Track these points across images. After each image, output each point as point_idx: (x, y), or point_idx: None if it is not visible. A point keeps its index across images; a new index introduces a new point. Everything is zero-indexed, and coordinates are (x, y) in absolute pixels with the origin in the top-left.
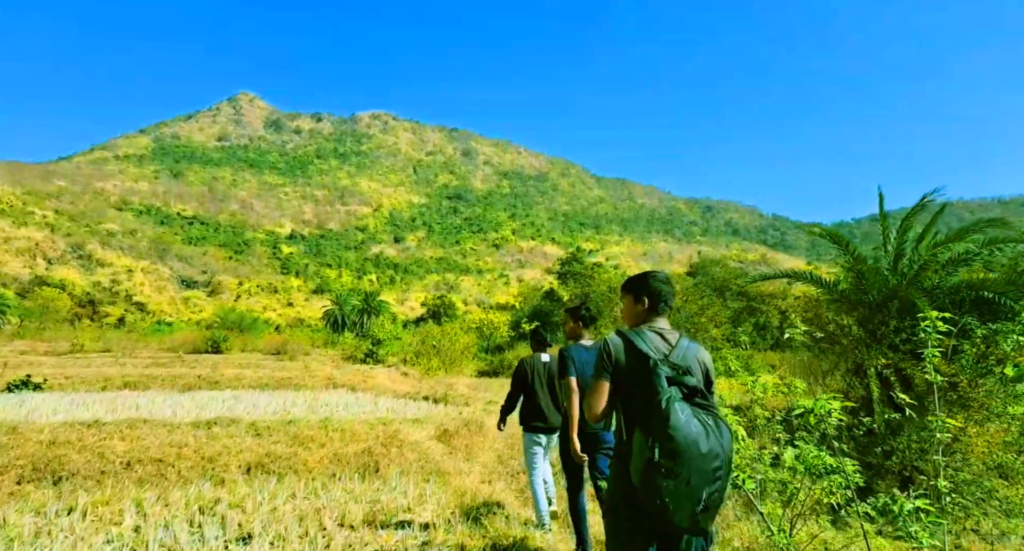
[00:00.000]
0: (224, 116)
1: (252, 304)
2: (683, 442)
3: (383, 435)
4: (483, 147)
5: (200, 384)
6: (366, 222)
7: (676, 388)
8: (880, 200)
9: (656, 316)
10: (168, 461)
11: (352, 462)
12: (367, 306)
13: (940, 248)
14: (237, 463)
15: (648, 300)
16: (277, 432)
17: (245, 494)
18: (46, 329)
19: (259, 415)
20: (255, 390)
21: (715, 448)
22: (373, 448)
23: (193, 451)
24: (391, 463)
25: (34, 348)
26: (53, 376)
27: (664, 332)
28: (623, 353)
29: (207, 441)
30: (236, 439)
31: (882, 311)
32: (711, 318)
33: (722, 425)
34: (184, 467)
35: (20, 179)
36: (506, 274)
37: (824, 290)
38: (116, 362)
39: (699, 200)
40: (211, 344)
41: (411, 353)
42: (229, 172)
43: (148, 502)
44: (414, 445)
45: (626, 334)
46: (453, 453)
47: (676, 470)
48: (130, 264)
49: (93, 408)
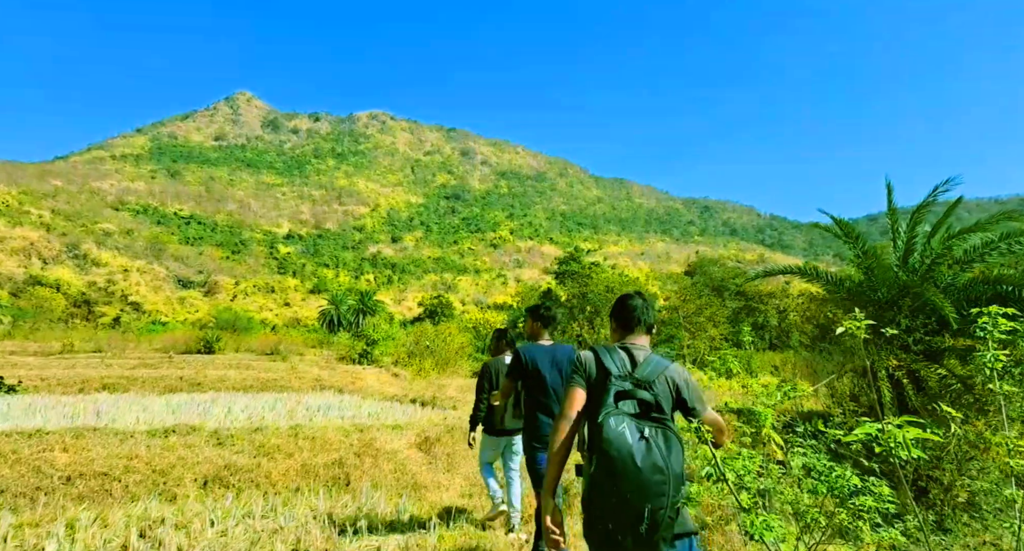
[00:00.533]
0: (221, 116)
1: (248, 304)
2: (616, 455)
3: (358, 443)
4: (481, 147)
5: (182, 386)
6: (364, 222)
7: (632, 403)
8: (888, 192)
9: (628, 333)
10: (114, 475)
11: (321, 474)
12: (363, 306)
13: (955, 240)
14: (192, 476)
15: (622, 320)
16: (241, 441)
17: (196, 513)
18: (39, 329)
19: (234, 419)
20: (237, 392)
21: (657, 462)
22: (345, 458)
23: (144, 463)
24: (364, 475)
25: (24, 348)
26: (29, 378)
27: (634, 348)
28: (594, 367)
29: (161, 452)
30: (195, 449)
31: (892, 309)
32: (710, 318)
33: (672, 441)
34: (132, 481)
35: (16, 179)
36: (504, 274)
37: (830, 287)
38: (102, 363)
39: (697, 200)
40: (204, 344)
41: (404, 353)
42: (226, 172)
43: (82, 523)
44: (391, 455)
45: (596, 350)
46: (433, 463)
47: (613, 486)
48: (126, 264)
49: (48, 413)
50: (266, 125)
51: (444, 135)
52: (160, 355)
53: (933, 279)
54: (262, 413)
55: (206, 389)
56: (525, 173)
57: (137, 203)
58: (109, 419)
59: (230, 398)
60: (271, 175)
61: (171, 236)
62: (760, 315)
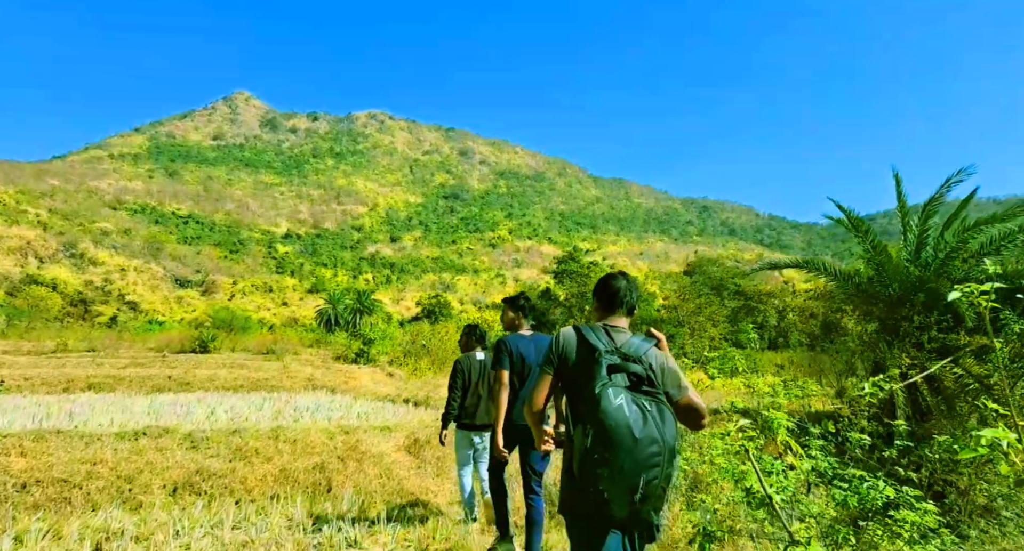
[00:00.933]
0: (220, 115)
1: (246, 303)
2: (613, 427)
3: (342, 446)
4: (480, 146)
5: (169, 386)
6: (362, 221)
7: (622, 376)
8: (897, 183)
9: (611, 314)
10: (74, 481)
11: (301, 480)
12: (360, 305)
13: (971, 233)
14: (161, 482)
15: (600, 301)
16: (217, 444)
17: (160, 523)
18: (34, 329)
19: (216, 421)
20: (227, 392)
21: (652, 434)
22: (328, 463)
23: (109, 469)
24: (347, 481)
25: (18, 348)
26: (13, 377)
27: (616, 329)
28: (574, 345)
29: (129, 456)
30: (166, 453)
31: (904, 305)
32: (709, 317)
33: (666, 413)
34: (94, 488)
35: (13, 178)
36: (502, 274)
37: (838, 282)
38: (93, 362)
39: (696, 200)
40: (199, 344)
41: (400, 353)
42: (225, 171)
43: (32, 535)
44: (377, 458)
45: (579, 328)
46: (422, 467)
47: (608, 456)
48: (123, 263)
49: (15, 415)
50: (264, 125)
51: (443, 135)
52: (154, 354)
53: (947, 274)
54: (246, 414)
55: (195, 389)
56: (524, 173)
57: (135, 202)
58: (81, 420)
59: (217, 398)
60: (269, 175)
61: (169, 235)
62: (759, 315)
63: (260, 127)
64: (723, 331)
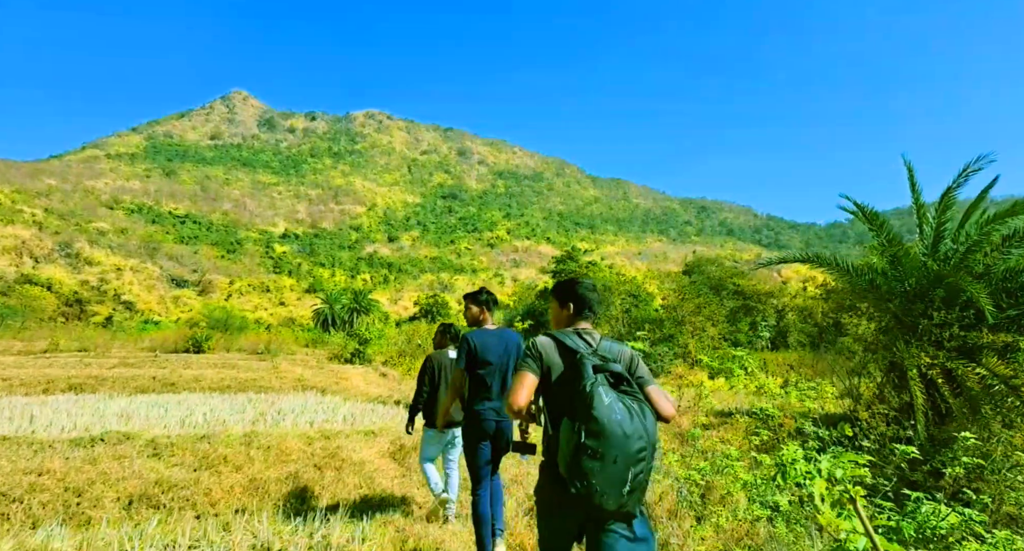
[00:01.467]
0: (217, 115)
1: (243, 303)
2: (607, 423)
3: (321, 453)
4: (478, 146)
5: (153, 386)
6: (360, 221)
7: (603, 375)
8: (910, 174)
9: (580, 320)
10: (14, 495)
11: (272, 491)
12: (357, 305)
13: (995, 224)
14: (115, 495)
15: (573, 305)
16: (183, 451)
17: (107, 543)
18: (27, 328)
19: (192, 424)
20: (212, 393)
21: (639, 430)
22: (303, 471)
23: (57, 480)
24: (323, 492)
25: (9, 347)
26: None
27: (587, 333)
28: (553, 352)
29: (81, 466)
30: (124, 462)
31: (922, 301)
32: (708, 317)
33: (646, 409)
34: (37, 503)
35: (9, 177)
36: (501, 274)
37: (850, 277)
38: (80, 362)
39: (694, 200)
40: (193, 343)
41: (395, 352)
42: (222, 171)
43: None
44: (358, 466)
45: (554, 335)
46: (407, 476)
47: (602, 451)
48: (119, 263)
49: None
50: (262, 124)
51: (441, 134)
52: (146, 354)
53: (967, 268)
54: (225, 417)
55: (179, 390)
56: (522, 173)
57: (132, 202)
58: (42, 424)
59: (199, 400)
60: (267, 174)
61: (166, 235)
62: (758, 314)
63: (258, 127)
64: (723, 331)
